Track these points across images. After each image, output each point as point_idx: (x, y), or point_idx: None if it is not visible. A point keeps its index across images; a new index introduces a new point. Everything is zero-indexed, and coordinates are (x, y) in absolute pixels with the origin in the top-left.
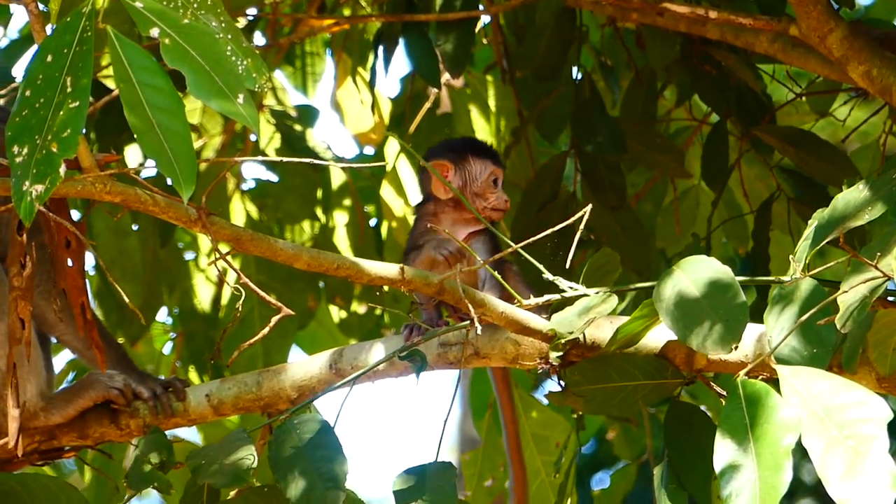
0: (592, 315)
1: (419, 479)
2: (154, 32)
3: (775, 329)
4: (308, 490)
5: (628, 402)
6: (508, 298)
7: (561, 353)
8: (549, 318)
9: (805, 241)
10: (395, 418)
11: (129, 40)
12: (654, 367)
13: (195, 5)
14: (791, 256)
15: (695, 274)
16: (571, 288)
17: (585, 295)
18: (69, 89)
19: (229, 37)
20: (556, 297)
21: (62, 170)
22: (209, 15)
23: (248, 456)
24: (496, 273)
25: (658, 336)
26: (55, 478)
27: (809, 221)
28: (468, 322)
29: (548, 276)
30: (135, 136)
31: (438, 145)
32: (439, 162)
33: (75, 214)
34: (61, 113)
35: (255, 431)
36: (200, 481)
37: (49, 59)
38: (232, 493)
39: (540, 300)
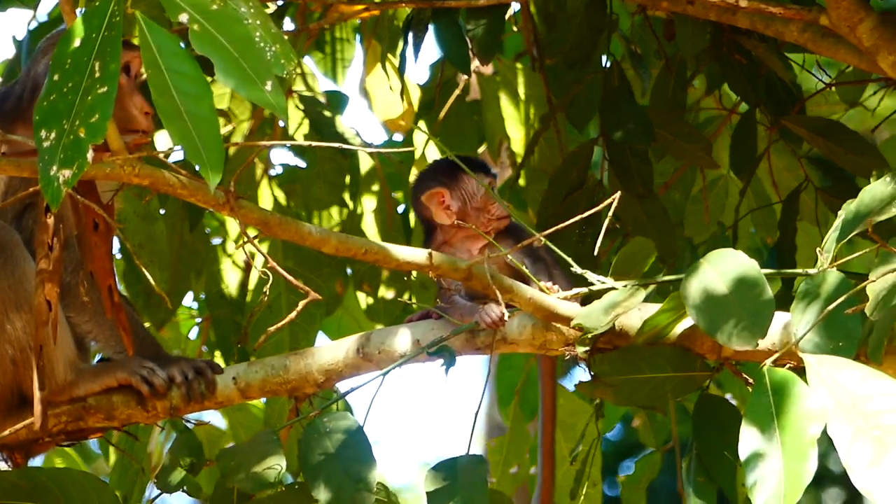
0: (620, 310)
1: (450, 474)
2: (183, 18)
3: (801, 322)
4: (337, 492)
5: (657, 393)
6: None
7: (588, 348)
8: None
9: (833, 233)
10: (420, 401)
11: (158, 26)
12: (682, 358)
13: None
14: (818, 249)
15: (722, 268)
16: (600, 281)
17: (613, 288)
18: (97, 74)
19: (258, 23)
20: (584, 290)
21: (90, 154)
22: (238, 1)
23: (277, 463)
24: (519, 264)
25: (684, 323)
26: (87, 473)
27: (838, 214)
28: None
29: (576, 269)
30: (162, 121)
31: (428, 171)
32: (434, 191)
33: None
34: (89, 98)
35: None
36: (230, 485)
37: (77, 43)
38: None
39: (568, 293)
